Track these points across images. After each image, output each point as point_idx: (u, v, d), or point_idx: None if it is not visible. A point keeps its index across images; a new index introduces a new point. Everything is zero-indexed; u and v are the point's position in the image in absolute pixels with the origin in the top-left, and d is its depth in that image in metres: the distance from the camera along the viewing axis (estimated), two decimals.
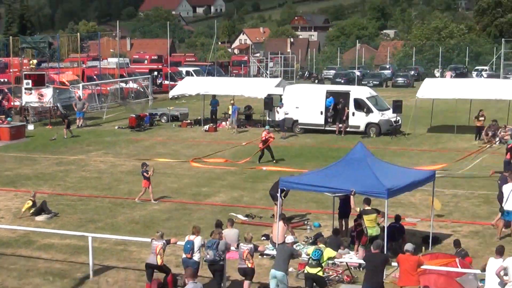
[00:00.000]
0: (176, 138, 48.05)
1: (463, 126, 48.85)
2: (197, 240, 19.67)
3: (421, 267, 18.73)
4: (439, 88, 50.55)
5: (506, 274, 17.49)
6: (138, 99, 65.59)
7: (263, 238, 24.79)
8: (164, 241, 19.89)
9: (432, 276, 19.60)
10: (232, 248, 20.24)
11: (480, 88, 50.10)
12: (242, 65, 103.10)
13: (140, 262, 22.23)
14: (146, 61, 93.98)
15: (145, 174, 29.92)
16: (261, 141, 38.80)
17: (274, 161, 38.50)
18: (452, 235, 24.96)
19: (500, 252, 17.90)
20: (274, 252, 20.69)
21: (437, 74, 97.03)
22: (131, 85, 68.03)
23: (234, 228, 21.60)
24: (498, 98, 48.81)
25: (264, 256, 22.26)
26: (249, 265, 19.50)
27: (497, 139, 43.78)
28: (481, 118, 45.53)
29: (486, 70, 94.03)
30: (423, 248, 23.10)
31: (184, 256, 19.64)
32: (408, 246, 18.58)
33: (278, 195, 23.55)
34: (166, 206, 29.88)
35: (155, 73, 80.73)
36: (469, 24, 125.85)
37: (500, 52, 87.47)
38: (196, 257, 19.52)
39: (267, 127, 40.41)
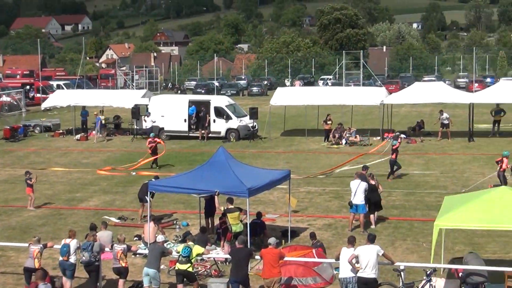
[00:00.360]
0: (49, 147, 46.64)
1: (313, 129, 49.59)
2: (73, 243, 19.10)
3: (284, 259, 18.70)
4: (290, 96, 51.18)
5: (357, 262, 17.67)
6: (12, 111, 63.37)
7: (136, 238, 24.34)
8: (41, 245, 19.16)
9: (292, 267, 19.67)
10: (107, 249, 19.84)
11: (326, 95, 51.04)
12: (110, 78, 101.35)
13: (18, 267, 21.32)
14: (18, 76, 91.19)
15: (28, 181, 28.94)
16: (150, 148, 38.07)
17: (154, 166, 37.85)
18: (308, 228, 25.14)
19: (351, 242, 18.06)
20: (146, 251, 20.31)
21: (288, 83, 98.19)
22: (5, 98, 65.61)
23: (108, 230, 21.13)
24: (342, 104, 49.87)
25: (137, 255, 21.78)
26: (123, 265, 19.18)
27: (343, 140, 44.69)
28: (328, 122, 46.27)
29: (330, 79, 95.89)
30: (283, 241, 23.14)
31: (61, 259, 19.06)
32: (271, 240, 18.51)
33: (148, 198, 23.19)
34: (42, 212, 28.89)
35: (28, 87, 78.22)
36: (313, 38, 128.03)
37: (341, 63, 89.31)
38: (72, 259, 18.97)
39: (152, 134, 39.62)
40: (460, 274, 18.40)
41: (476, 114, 48.19)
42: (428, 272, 18.12)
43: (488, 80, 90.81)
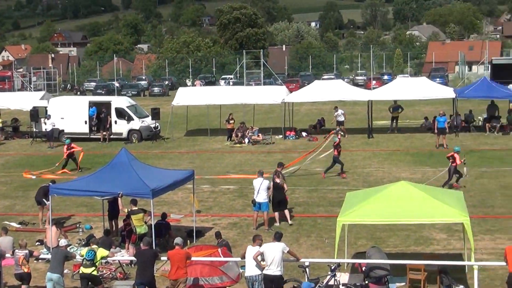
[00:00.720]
0: None
1: (216, 129, 49.65)
2: None
3: (191, 259, 18.65)
4: (191, 96, 51.03)
5: (263, 260, 17.78)
6: None
7: (38, 243, 23.83)
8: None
9: (198, 266, 19.64)
10: (8, 255, 19.38)
11: (228, 94, 51.19)
12: (6, 80, 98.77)
13: None
14: None
15: None
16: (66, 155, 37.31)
17: (80, 169, 37.06)
18: (213, 227, 25.16)
19: (256, 239, 18.15)
20: (49, 256, 19.92)
21: (189, 83, 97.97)
22: None
23: (8, 236, 20.72)
24: (244, 103, 50.07)
25: (40, 261, 21.34)
26: (25, 270, 18.85)
27: (246, 139, 44.89)
28: (231, 121, 46.39)
29: (231, 79, 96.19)
30: (188, 241, 23.06)
31: None
32: (177, 240, 18.43)
33: (49, 201, 22.77)
34: None
35: None
36: (213, 38, 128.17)
37: (242, 62, 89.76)
38: None
39: (67, 141, 38.60)
40: (363, 268, 18.73)
41: (374, 111, 49.31)
42: (332, 267, 18.39)
43: (386, 77, 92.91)
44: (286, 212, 25.64)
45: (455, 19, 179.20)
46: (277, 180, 25.53)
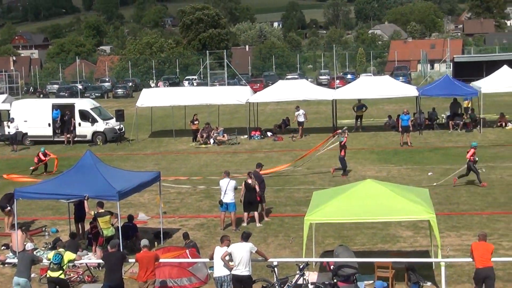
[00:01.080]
0: None
1: (181, 130, 49.53)
2: None
3: (159, 261, 18.57)
4: (155, 97, 50.80)
5: (231, 260, 17.76)
6: None
7: (3, 247, 23.61)
8: None
9: (166, 268, 19.59)
10: None
11: (192, 95, 50.94)
12: None
13: None
14: None
15: None
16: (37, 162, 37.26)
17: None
18: (180, 229, 25.10)
19: (223, 240, 18.14)
20: (15, 260, 19.74)
21: (153, 84, 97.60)
22: None
23: None
24: (208, 103, 49.96)
25: (6, 265, 21.12)
26: None
27: (211, 139, 44.84)
28: (196, 122, 46.27)
29: (195, 79, 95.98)
30: (156, 243, 22.98)
31: None
32: (144, 242, 18.34)
33: (13, 206, 22.57)
34: None
35: None
36: (176, 39, 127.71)
37: (206, 63, 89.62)
38: None
39: (42, 149, 38.24)
40: (331, 267, 18.80)
41: (339, 110, 49.55)
42: (301, 267, 18.43)
43: (349, 76, 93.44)
44: (256, 214, 25.64)
45: (417, 18, 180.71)
46: (249, 181, 25.49)
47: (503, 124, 46.71)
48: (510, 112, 51.13)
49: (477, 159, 30.27)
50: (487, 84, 47.05)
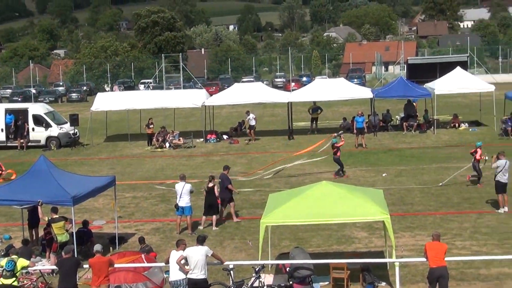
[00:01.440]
0: None
1: (136, 134, 49.28)
2: None
3: (114, 266, 18.45)
4: (110, 101, 50.39)
5: (187, 264, 17.73)
6: None
7: None
8: None
9: (122, 273, 19.42)
10: None
11: (147, 99, 50.74)
12: None
13: None
14: None
15: None
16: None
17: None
18: (136, 233, 24.99)
19: (179, 244, 18.09)
20: None
21: (107, 88, 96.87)
22: None
23: None
24: (164, 107, 49.78)
25: None
26: None
27: (167, 143, 44.69)
28: (151, 126, 46.05)
29: (151, 83, 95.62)
30: (111, 248, 22.84)
31: None
32: (97, 247, 18.20)
33: None
34: None
35: None
36: (131, 42, 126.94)
37: (161, 66, 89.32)
38: None
39: None
40: (287, 269, 18.88)
41: (294, 112, 49.75)
42: (256, 269, 18.47)
43: (304, 79, 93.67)
44: (214, 217, 25.62)
45: (371, 21, 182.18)
46: (210, 185, 25.50)
47: (456, 125, 47.31)
48: (463, 113, 51.90)
49: (486, 158, 30.11)
50: (441, 86, 47.58)
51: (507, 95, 45.35)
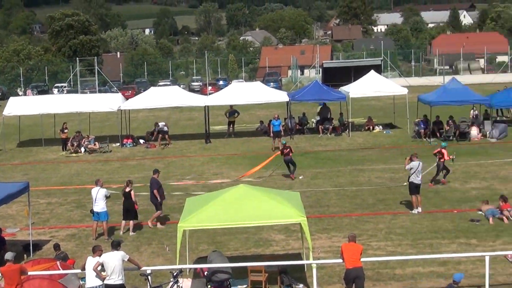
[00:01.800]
0: None
1: (50, 139, 48.41)
2: None
3: (27, 273, 18.05)
4: (23, 105, 49.35)
5: (103, 270, 17.52)
6: None
7: None
8: None
9: (36, 281, 18.99)
10: None
11: (61, 103, 49.76)
12: None
13: None
14: None
15: None
16: None
17: None
18: (51, 240, 24.55)
19: (96, 250, 17.86)
20: None
21: (21, 93, 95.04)
22: None
23: None
24: (79, 111, 49.02)
25: None
26: None
27: (82, 148, 44.08)
28: (65, 131, 45.33)
29: (65, 87, 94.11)
30: (25, 255, 22.37)
31: None
32: (7, 255, 17.84)
33: None
34: None
35: None
36: (45, 46, 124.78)
37: (76, 70, 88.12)
38: None
39: None
40: (205, 273, 18.85)
41: (211, 116, 49.69)
42: (174, 274, 18.38)
43: (221, 82, 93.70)
44: (131, 222, 25.38)
45: (287, 25, 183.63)
46: (127, 189, 25.24)
47: (371, 127, 48.12)
48: (377, 115, 52.82)
49: (454, 156, 31.04)
50: (355, 89, 48.33)
51: (420, 98, 46.33)
